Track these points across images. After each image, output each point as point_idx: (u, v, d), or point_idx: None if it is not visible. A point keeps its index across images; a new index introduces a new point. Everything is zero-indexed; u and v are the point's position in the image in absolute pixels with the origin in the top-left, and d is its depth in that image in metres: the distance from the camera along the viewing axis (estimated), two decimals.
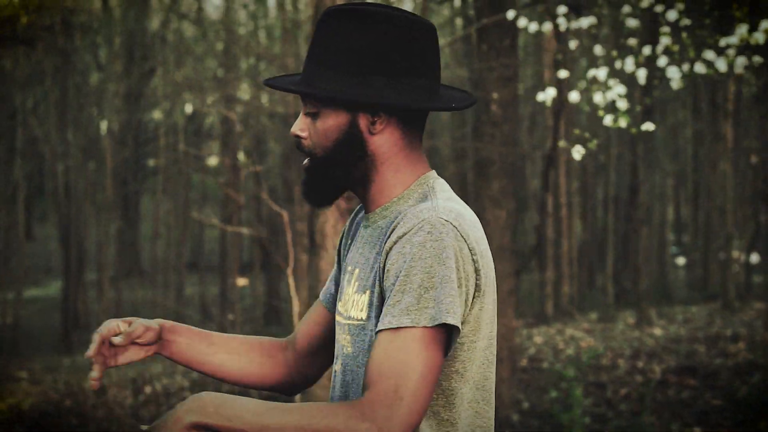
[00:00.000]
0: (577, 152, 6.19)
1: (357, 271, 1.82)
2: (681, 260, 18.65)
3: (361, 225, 1.88)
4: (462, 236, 1.69)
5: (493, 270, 1.77)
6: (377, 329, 1.67)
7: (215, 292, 18.65)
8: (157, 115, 20.01)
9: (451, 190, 1.82)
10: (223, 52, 15.30)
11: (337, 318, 1.86)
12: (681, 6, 6.24)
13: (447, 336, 1.67)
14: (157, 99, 18.83)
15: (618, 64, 6.23)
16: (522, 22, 6.60)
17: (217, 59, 16.15)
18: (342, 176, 1.81)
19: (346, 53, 1.75)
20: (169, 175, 17.91)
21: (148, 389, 10.69)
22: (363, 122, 1.78)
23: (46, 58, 16.53)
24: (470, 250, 1.70)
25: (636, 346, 11.31)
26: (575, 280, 16.03)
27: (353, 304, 1.80)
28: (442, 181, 1.82)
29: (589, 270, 18.18)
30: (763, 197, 16.47)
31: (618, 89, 6.12)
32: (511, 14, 6.65)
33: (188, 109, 17.17)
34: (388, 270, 1.70)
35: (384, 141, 1.79)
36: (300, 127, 1.81)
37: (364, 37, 1.75)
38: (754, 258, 16.05)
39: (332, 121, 1.78)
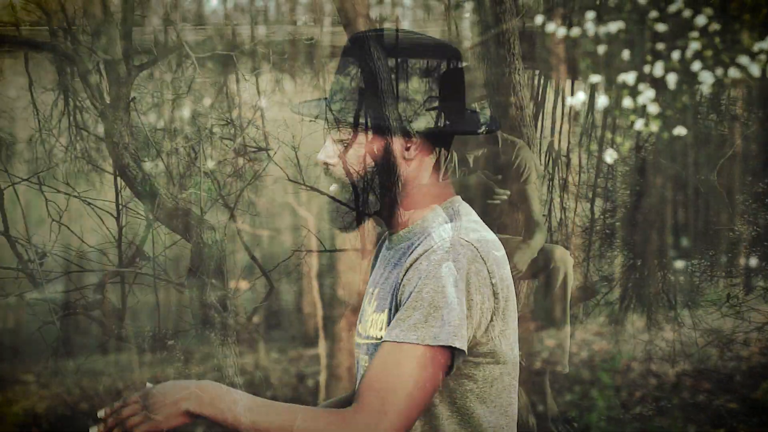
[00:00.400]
0: (610, 156, 6.20)
1: (377, 290, 1.81)
2: (680, 263, 18.74)
3: (384, 247, 1.87)
4: (482, 258, 1.68)
5: (514, 296, 1.74)
6: (383, 339, 1.66)
7: (216, 295, 18.64)
8: (155, 117, 20.00)
9: (476, 215, 1.80)
10: (223, 53, 15.27)
11: (356, 339, 1.85)
12: (709, 11, 6.26)
13: (450, 358, 1.66)
14: (157, 101, 18.82)
15: (647, 68, 6.25)
16: (550, 27, 6.61)
17: (216, 60, 16.13)
18: (374, 201, 1.79)
19: (377, 79, 1.75)
20: (169, 177, 17.90)
21: None
22: (397, 147, 1.76)
23: (45, 60, 16.51)
24: (489, 273, 1.68)
25: (648, 349, 11.35)
26: (581, 283, 16.06)
27: (372, 324, 1.79)
28: (467, 206, 1.81)
29: (593, 272, 18.21)
30: (763, 200, 16.58)
31: (648, 93, 6.14)
32: (539, 19, 6.66)
33: (188, 111, 17.19)
34: (404, 285, 1.69)
35: (416, 165, 1.78)
36: (328, 154, 1.78)
37: (393, 62, 1.75)
38: (754, 262, 16.15)
39: (366, 148, 1.76)
